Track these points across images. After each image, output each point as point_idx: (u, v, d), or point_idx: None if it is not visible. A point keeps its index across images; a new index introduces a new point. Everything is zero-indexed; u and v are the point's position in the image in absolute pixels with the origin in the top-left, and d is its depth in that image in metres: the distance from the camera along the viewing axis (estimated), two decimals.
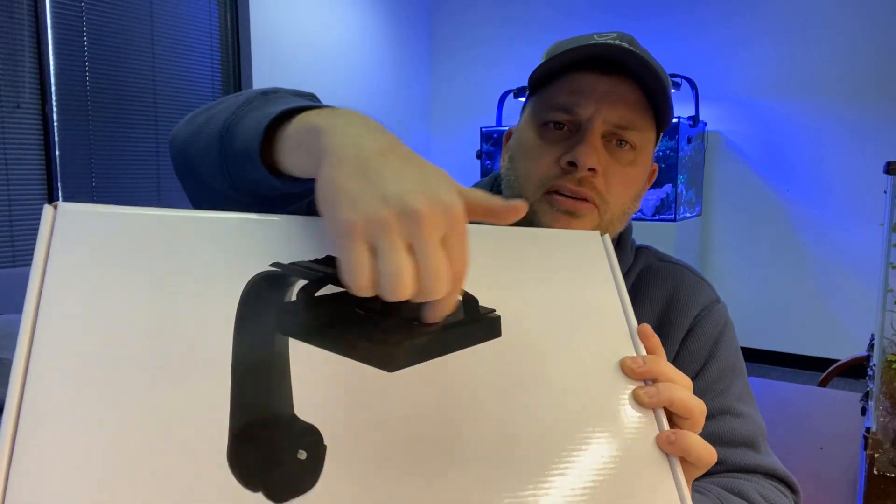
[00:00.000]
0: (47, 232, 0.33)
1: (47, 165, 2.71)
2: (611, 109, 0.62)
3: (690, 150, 3.63)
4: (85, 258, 0.33)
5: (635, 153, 0.64)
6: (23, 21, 2.62)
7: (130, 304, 0.32)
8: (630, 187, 0.65)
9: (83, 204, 0.34)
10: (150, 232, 0.34)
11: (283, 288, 0.34)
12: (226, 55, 3.41)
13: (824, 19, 3.44)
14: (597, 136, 0.62)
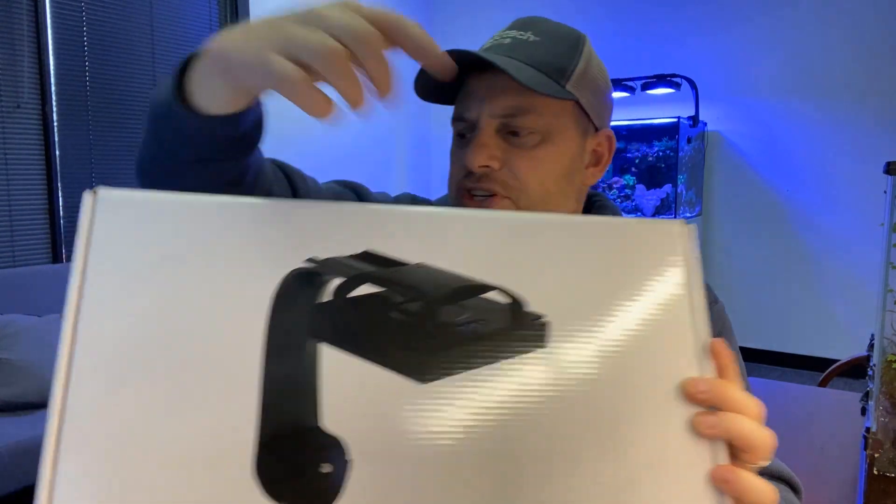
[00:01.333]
0: (87, 218, 0.32)
1: (47, 165, 2.71)
2: (493, 104, 0.63)
3: (690, 150, 3.63)
4: (125, 247, 0.32)
5: (541, 134, 0.64)
6: (23, 21, 2.62)
7: (166, 298, 0.32)
8: (543, 167, 0.65)
9: (123, 189, 0.33)
10: (187, 218, 0.33)
11: (317, 286, 0.33)
12: None
13: (824, 19, 3.44)
14: (486, 134, 0.64)
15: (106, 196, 0.32)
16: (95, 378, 0.30)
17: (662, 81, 3.60)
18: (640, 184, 3.72)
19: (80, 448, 0.29)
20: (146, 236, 0.32)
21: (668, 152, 3.62)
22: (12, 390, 2.12)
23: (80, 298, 0.31)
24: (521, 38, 0.65)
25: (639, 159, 3.75)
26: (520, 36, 0.65)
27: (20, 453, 1.88)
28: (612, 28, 4.00)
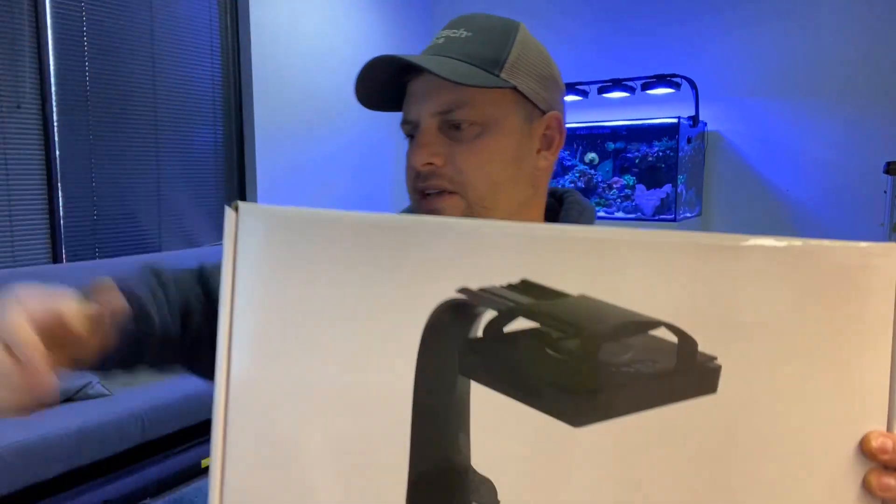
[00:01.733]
0: (232, 235, 0.32)
1: (47, 165, 2.71)
2: (429, 102, 0.65)
3: (690, 150, 3.63)
4: (270, 266, 0.32)
5: (481, 125, 0.65)
6: (23, 21, 2.62)
7: (314, 325, 0.31)
8: (488, 158, 0.65)
9: (263, 205, 0.33)
10: (330, 238, 0.31)
11: (469, 319, 0.30)
12: (226, 55, 3.41)
13: (824, 19, 3.44)
14: (426, 133, 0.65)
15: (248, 210, 0.33)
16: (248, 407, 0.30)
17: (662, 81, 3.60)
18: (640, 184, 3.72)
19: (241, 472, 0.30)
20: (287, 250, 0.31)
21: (668, 152, 3.61)
22: None
23: (231, 318, 0.31)
24: (453, 35, 0.67)
25: (639, 159, 3.75)
26: (452, 34, 0.67)
27: (20, 453, 1.88)
28: (612, 28, 4.00)
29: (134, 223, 3.06)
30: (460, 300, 0.30)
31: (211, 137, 3.38)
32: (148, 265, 0.67)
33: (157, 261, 2.88)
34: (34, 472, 1.91)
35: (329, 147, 3.79)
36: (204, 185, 3.37)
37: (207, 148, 3.37)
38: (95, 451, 2.06)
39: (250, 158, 3.48)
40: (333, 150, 3.82)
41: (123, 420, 2.13)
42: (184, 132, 3.25)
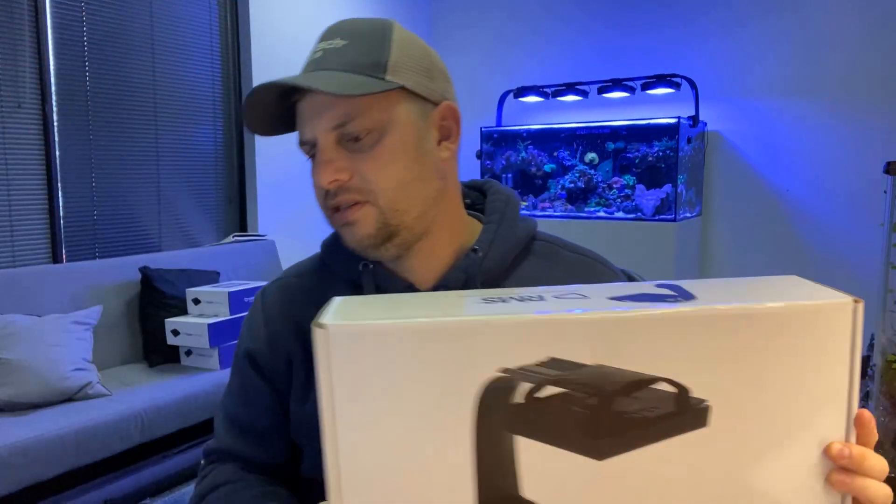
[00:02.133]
0: (325, 356, 0.38)
1: (47, 165, 2.71)
2: (321, 120, 0.65)
3: (690, 150, 3.63)
4: (363, 383, 0.38)
5: (378, 131, 0.65)
6: (23, 21, 2.62)
7: (395, 415, 0.39)
8: (393, 162, 0.66)
9: (348, 323, 0.38)
10: (398, 345, 0.38)
11: (511, 389, 0.39)
12: (226, 55, 3.41)
13: (824, 19, 3.44)
14: (326, 150, 0.65)
15: (336, 331, 0.38)
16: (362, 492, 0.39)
17: (662, 81, 3.60)
18: (640, 184, 3.72)
19: None
20: (370, 364, 0.38)
21: (668, 152, 3.61)
22: (12, 390, 2.12)
23: (335, 425, 0.39)
24: (329, 47, 0.66)
25: (639, 159, 3.75)
26: (329, 45, 0.66)
27: (20, 453, 1.88)
28: (612, 28, 4.00)
29: (134, 223, 3.06)
30: (503, 377, 0.39)
31: (211, 137, 3.38)
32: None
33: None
34: (34, 472, 1.91)
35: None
36: (204, 185, 3.37)
37: (207, 148, 3.37)
38: (95, 451, 2.06)
39: (250, 158, 3.48)
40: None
41: (123, 420, 2.13)
42: (184, 132, 3.25)
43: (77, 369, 2.24)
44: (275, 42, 3.50)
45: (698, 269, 3.78)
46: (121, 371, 2.59)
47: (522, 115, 4.30)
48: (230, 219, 3.51)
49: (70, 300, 2.53)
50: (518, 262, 0.75)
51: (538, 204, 4.01)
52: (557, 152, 4.01)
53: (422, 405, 0.39)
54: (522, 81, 4.16)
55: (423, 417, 0.39)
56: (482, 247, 0.72)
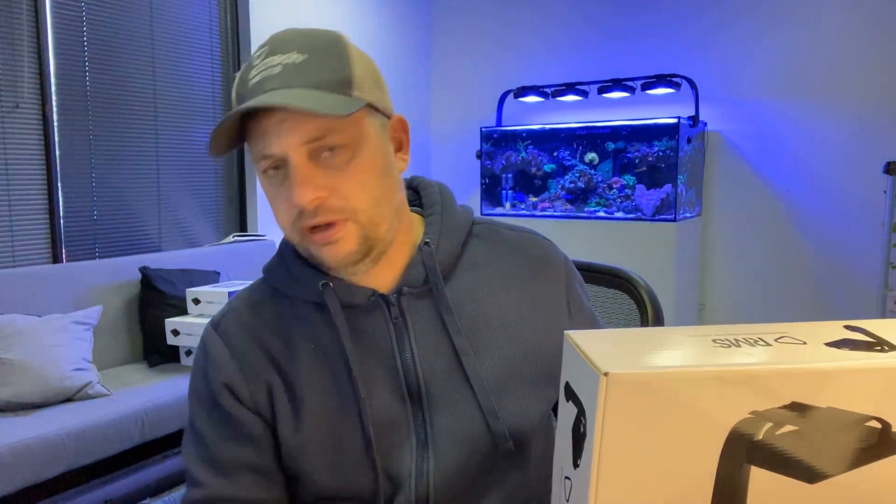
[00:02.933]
0: (602, 402, 0.40)
1: (47, 165, 2.71)
2: (293, 135, 0.63)
3: (690, 150, 3.63)
4: (630, 426, 0.41)
5: (351, 147, 0.65)
6: (23, 21, 2.62)
7: (657, 464, 0.41)
8: (366, 179, 0.66)
9: (629, 371, 0.40)
10: (676, 391, 0.41)
11: (755, 429, 0.43)
12: (226, 55, 3.41)
13: (824, 19, 3.44)
14: (300, 167, 0.64)
15: (617, 379, 0.40)
16: None
17: (662, 81, 3.60)
18: (640, 184, 3.72)
19: None
20: (640, 411, 0.41)
21: (668, 152, 3.61)
22: (12, 390, 2.12)
23: (599, 468, 0.41)
24: (288, 61, 0.65)
25: (639, 159, 3.75)
26: (286, 60, 0.65)
27: (20, 453, 1.88)
28: (612, 28, 4.00)
29: (134, 223, 3.06)
30: (749, 419, 0.43)
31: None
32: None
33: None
34: (34, 472, 1.91)
35: None
36: (204, 185, 3.37)
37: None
38: (95, 451, 2.06)
39: (250, 159, 3.47)
40: None
41: (123, 420, 2.13)
42: (184, 132, 3.25)
43: (77, 369, 2.24)
44: None
45: (698, 269, 3.78)
46: (121, 371, 2.59)
47: (522, 115, 4.30)
48: (230, 219, 3.51)
49: (70, 300, 2.53)
50: (465, 246, 0.77)
51: (538, 204, 4.01)
52: (557, 152, 4.01)
53: (677, 446, 0.42)
54: (522, 81, 4.16)
55: (676, 455, 0.42)
56: (433, 239, 0.74)
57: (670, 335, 0.47)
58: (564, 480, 0.45)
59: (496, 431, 0.71)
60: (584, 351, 0.42)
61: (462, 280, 0.75)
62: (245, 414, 0.72)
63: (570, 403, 0.44)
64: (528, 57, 4.28)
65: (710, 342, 0.45)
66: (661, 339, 0.47)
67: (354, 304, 0.72)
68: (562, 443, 0.45)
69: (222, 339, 0.74)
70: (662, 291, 3.18)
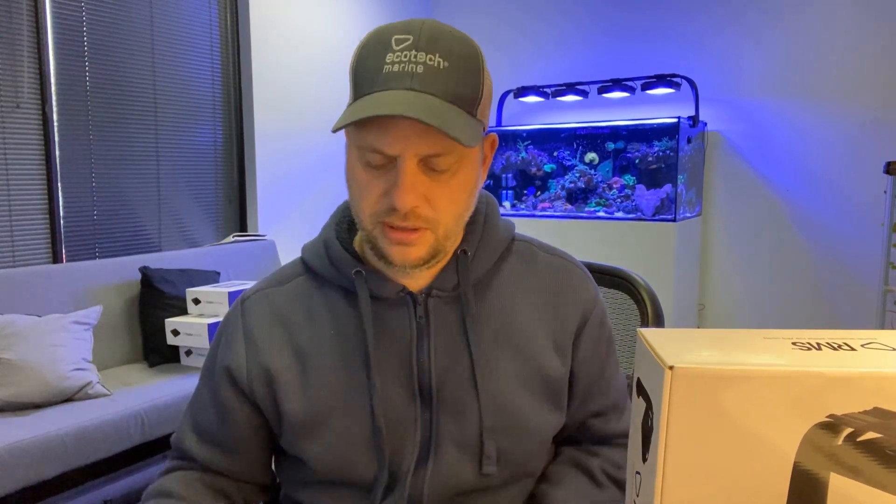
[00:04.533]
0: (667, 395, 0.40)
1: (47, 165, 2.71)
2: (419, 145, 0.64)
3: (690, 150, 3.63)
4: (702, 427, 0.41)
5: (456, 167, 0.67)
6: (23, 21, 2.62)
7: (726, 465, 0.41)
8: (459, 197, 0.68)
9: (695, 365, 0.40)
10: (737, 390, 0.41)
11: (835, 433, 0.43)
12: (226, 55, 3.41)
13: (825, 19, 3.44)
14: (411, 174, 0.64)
15: (682, 373, 0.40)
16: None
17: (662, 81, 3.60)
18: (640, 184, 3.72)
19: None
20: (707, 406, 0.41)
21: (668, 152, 3.61)
22: (12, 390, 2.12)
23: (664, 466, 0.41)
24: (431, 64, 0.63)
25: (639, 159, 3.75)
26: (430, 63, 0.64)
27: (20, 453, 1.88)
28: (612, 28, 4.00)
29: (134, 223, 3.06)
30: (828, 422, 0.43)
31: (211, 137, 3.38)
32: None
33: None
34: (34, 472, 1.91)
35: (328, 146, 3.79)
36: (204, 185, 3.37)
37: (207, 148, 3.37)
38: (95, 451, 2.06)
39: (250, 158, 3.48)
40: (332, 149, 3.82)
41: (123, 420, 2.13)
42: (184, 132, 3.25)
43: (77, 369, 2.24)
44: (275, 42, 3.50)
45: (698, 269, 3.78)
46: (121, 371, 2.59)
47: (522, 115, 4.30)
48: (230, 219, 3.51)
49: (70, 300, 2.53)
50: (501, 261, 0.78)
51: (538, 204, 4.01)
52: (557, 152, 4.01)
53: (747, 444, 0.42)
54: (522, 81, 4.16)
55: (746, 454, 0.42)
56: (470, 248, 0.75)
57: (746, 335, 0.47)
58: (635, 476, 0.45)
59: (486, 452, 0.72)
60: (652, 346, 0.43)
61: (491, 293, 0.76)
62: (236, 402, 0.76)
63: (640, 399, 0.44)
64: (528, 57, 4.28)
65: (788, 344, 0.45)
66: (735, 338, 0.47)
67: (383, 296, 0.73)
68: (633, 438, 0.45)
69: (242, 320, 0.77)
70: (662, 291, 3.19)
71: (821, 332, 0.47)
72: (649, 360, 0.42)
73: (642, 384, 0.43)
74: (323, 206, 3.74)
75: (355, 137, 0.68)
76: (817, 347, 0.45)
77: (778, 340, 0.45)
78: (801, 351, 0.44)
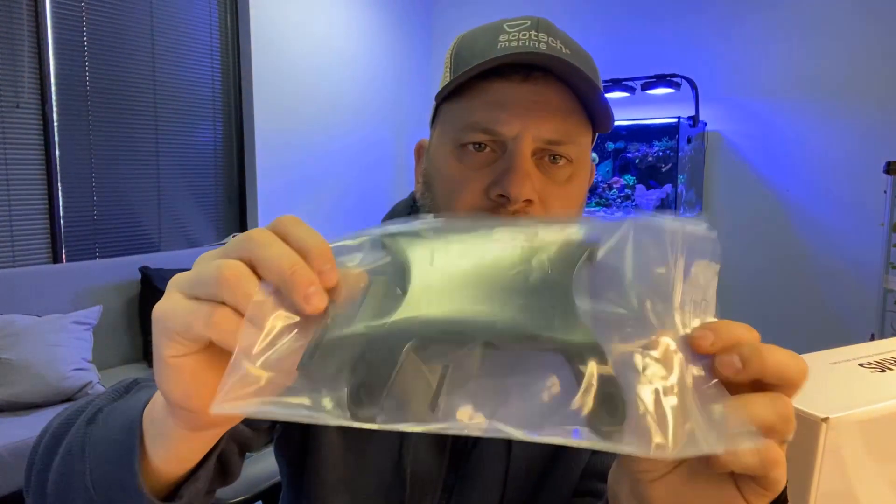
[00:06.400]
0: (821, 444, 0.38)
1: (47, 165, 2.71)
2: (539, 124, 0.54)
3: (690, 150, 3.63)
4: (854, 476, 0.39)
5: (573, 167, 0.57)
6: (23, 21, 2.62)
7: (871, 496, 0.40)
8: (573, 203, 0.58)
9: (848, 413, 0.38)
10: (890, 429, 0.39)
11: None
12: (226, 55, 3.41)
13: (825, 19, 3.44)
14: (527, 159, 0.54)
15: (836, 424, 0.38)
16: None
17: (662, 81, 3.60)
18: (640, 184, 3.72)
19: None
20: (860, 454, 0.39)
21: (668, 152, 3.61)
22: (12, 390, 2.12)
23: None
24: (555, 46, 0.56)
25: (639, 159, 3.75)
26: (553, 44, 0.56)
27: (20, 453, 1.89)
28: (612, 28, 4.00)
29: (134, 223, 3.06)
30: None
31: (211, 137, 3.38)
32: None
33: None
34: None
35: (328, 147, 3.79)
36: (204, 185, 3.37)
37: (207, 148, 3.37)
38: None
39: (250, 158, 3.48)
40: (333, 149, 3.82)
41: None
42: (184, 132, 3.25)
43: (77, 369, 2.24)
44: (275, 42, 3.50)
45: None
46: (121, 371, 2.59)
47: None
48: (230, 219, 3.50)
49: (70, 300, 2.53)
50: None
51: None
52: None
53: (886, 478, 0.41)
54: None
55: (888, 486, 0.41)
56: None
57: (810, 364, 0.40)
58: None
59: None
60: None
61: None
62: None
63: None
64: None
65: (856, 367, 0.42)
66: (812, 369, 0.38)
67: None
68: None
69: None
70: None
71: (868, 349, 0.44)
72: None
73: None
74: (323, 206, 3.74)
75: (453, 111, 0.57)
76: (891, 366, 0.42)
77: (850, 365, 0.42)
78: (878, 374, 0.41)
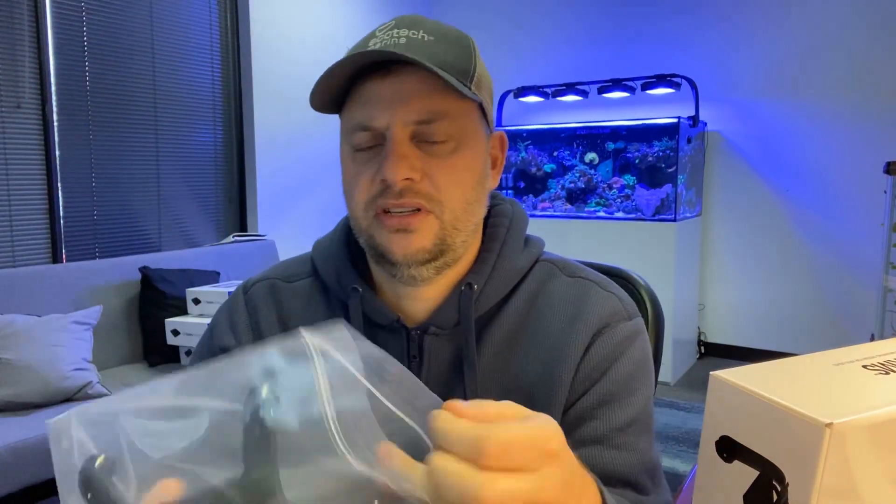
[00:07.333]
0: (823, 458, 0.35)
1: (47, 165, 2.71)
2: (406, 110, 0.58)
3: (690, 150, 3.63)
4: (858, 484, 0.36)
5: (456, 140, 0.60)
6: (23, 21, 2.62)
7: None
8: (462, 176, 0.61)
9: (852, 418, 0.35)
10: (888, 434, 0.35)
11: None
12: (226, 55, 3.41)
13: (825, 19, 3.44)
14: (400, 143, 0.58)
15: (839, 430, 0.36)
16: None
17: (662, 81, 3.60)
18: (641, 184, 3.72)
19: None
20: (861, 454, 0.36)
21: (668, 152, 3.61)
22: (12, 390, 2.12)
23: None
24: (415, 37, 0.60)
25: (639, 159, 3.75)
26: (413, 35, 0.60)
27: (20, 453, 1.88)
28: (611, 28, 4.00)
29: (134, 223, 3.06)
30: None
31: (211, 137, 3.38)
32: None
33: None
34: (34, 472, 1.91)
35: (328, 147, 3.79)
36: (204, 185, 3.37)
37: (207, 148, 3.37)
38: None
39: (250, 158, 3.48)
40: (333, 149, 3.81)
41: None
42: (184, 132, 3.25)
43: (77, 369, 2.24)
44: (275, 42, 3.50)
45: (698, 269, 3.78)
46: (121, 371, 2.59)
47: (522, 115, 4.30)
48: (230, 219, 3.51)
49: (70, 300, 2.53)
50: (512, 292, 0.68)
51: (538, 204, 4.01)
52: (557, 152, 4.01)
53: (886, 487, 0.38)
54: (522, 81, 4.16)
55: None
56: (478, 281, 0.65)
57: (812, 366, 0.40)
58: None
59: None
60: (771, 398, 0.34)
61: (497, 332, 0.67)
62: None
63: (735, 464, 0.36)
64: (528, 57, 4.28)
65: (860, 368, 0.40)
66: (811, 370, 0.39)
67: (377, 322, 0.67)
68: None
69: (245, 303, 0.73)
70: (662, 291, 3.19)
71: (870, 350, 0.42)
72: (773, 415, 0.34)
73: (745, 447, 0.35)
74: (323, 206, 3.74)
75: (343, 118, 0.63)
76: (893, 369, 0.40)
77: (854, 366, 0.40)
78: (882, 375, 0.39)
